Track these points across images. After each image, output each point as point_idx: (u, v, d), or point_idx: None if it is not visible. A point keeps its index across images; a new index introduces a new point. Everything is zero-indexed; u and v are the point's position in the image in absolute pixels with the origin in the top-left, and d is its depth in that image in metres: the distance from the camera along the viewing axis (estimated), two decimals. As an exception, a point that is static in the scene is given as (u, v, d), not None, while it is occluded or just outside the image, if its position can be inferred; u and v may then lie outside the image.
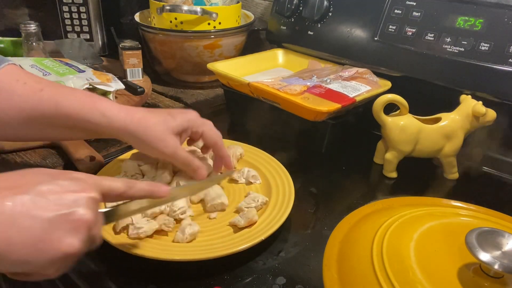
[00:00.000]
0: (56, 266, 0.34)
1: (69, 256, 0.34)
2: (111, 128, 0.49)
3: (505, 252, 0.35)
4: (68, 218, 0.34)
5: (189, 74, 0.96)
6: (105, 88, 0.79)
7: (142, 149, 0.52)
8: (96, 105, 0.49)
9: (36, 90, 0.47)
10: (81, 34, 1.04)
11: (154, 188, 0.43)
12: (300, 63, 0.86)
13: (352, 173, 0.67)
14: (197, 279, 0.46)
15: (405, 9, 0.72)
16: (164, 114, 0.52)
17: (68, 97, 0.48)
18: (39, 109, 0.47)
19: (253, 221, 0.51)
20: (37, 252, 0.32)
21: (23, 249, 0.32)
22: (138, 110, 0.51)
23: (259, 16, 1.05)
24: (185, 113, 0.54)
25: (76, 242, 0.34)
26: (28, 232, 0.32)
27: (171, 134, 0.51)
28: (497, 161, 0.69)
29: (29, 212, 0.32)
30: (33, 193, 0.33)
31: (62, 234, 0.33)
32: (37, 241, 0.32)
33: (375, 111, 0.63)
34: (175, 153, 0.52)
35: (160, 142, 0.50)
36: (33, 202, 0.33)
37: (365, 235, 0.45)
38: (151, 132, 0.50)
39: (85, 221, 0.35)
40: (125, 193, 0.40)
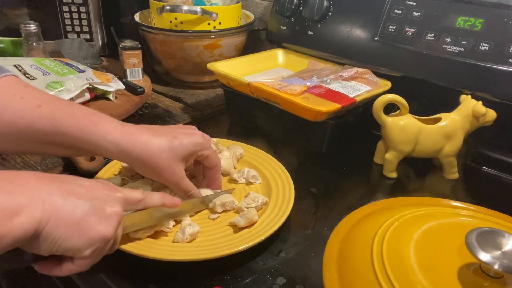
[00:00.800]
0: (92, 248, 0.38)
1: (103, 240, 0.38)
2: (112, 153, 0.47)
3: (505, 252, 0.35)
4: (104, 207, 0.39)
5: (189, 74, 0.96)
6: (105, 88, 0.79)
7: (145, 174, 0.51)
8: (98, 127, 0.46)
9: (34, 106, 0.45)
10: (81, 34, 1.04)
11: (167, 199, 0.47)
12: (300, 63, 0.86)
13: (352, 173, 0.67)
14: (197, 279, 0.46)
15: (405, 9, 0.72)
16: (170, 137, 0.49)
17: (68, 117, 0.46)
18: (35, 126, 0.45)
19: (253, 221, 0.51)
20: (79, 231, 0.36)
21: (68, 227, 0.36)
22: (141, 132, 0.48)
23: (259, 16, 1.05)
24: (191, 136, 0.51)
25: (110, 228, 0.38)
26: (73, 213, 0.36)
27: (177, 162, 0.49)
28: (497, 161, 0.69)
29: (74, 197, 0.37)
30: (76, 184, 0.39)
31: (99, 219, 0.38)
32: (79, 221, 0.36)
33: (375, 111, 0.63)
34: (179, 183, 0.51)
35: (165, 171, 0.49)
36: (76, 191, 0.38)
37: (365, 235, 0.45)
38: (156, 159, 0.48)
39: (117, 213, 0.39)
40: (142, 200, 0.44)
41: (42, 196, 0.35)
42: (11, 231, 0.32)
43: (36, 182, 0.36)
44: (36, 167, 0.63)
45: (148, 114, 0.83)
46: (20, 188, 0.34)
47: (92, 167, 0.61)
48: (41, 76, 0.76)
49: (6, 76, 0.46)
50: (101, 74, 0.83)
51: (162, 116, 0.81)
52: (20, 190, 0.34)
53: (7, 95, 0.45)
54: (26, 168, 0.62)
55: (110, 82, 0.81)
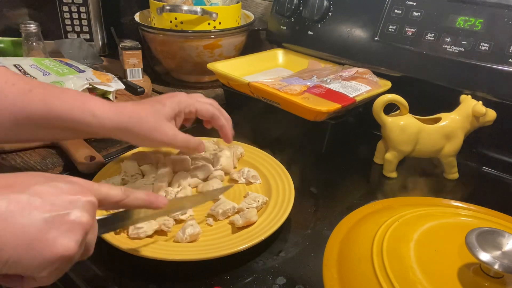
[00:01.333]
0: (49, 269, 0.32)
1: (63, 259, 0.32)
2: (103, 128, 0.48)
3: (505, 252, 0.35)
4: (64, 219, 0.33)
5: (189, 74, 0.96)
6: (105, 88, 0.79)
7: (139, 143, 0.52)
8: (86, 105, 0.48)
9: (25, 91, 0.46)
10: (81, 34, 1.04)
11: (152, 198, 0.42)
12: (300, 63, 0.86)
13: (352, 173, 0.67)
14: (197, 279, 0.46)
15: (405, 9, 0.72)
16: (153, 103, 0.51)
17: (58, 98, 0.47)
18: (28, 110, 0.46)
19: (251, 222, 0.51)
20: (31, 252, 0.31)
21: (17, 248, 0.30)
22: (127, 105, 0.50)
23: (259, 16, 1.05)
24: (173, 97, 0.53)
25: (72, 244, 0.32)
26: (23, 231, 0.31)
27: (165, 121, 0.51)
28: (497, 161, 0.69)
29: (24, 211, 0.31)
30: (29, 193, 0.32)
31: (57, 235, 0.32)
32: (31, 241, 0.31)
33: (375, 111, 0.63)
34: (174, 139, 0.52)
35: (156, 131, 0.50)
36: (28, 202, 0.32)
37: (365, 235, 0.45)
38: (144, 124, 0.49)
39: (81, 223, 0.33)
40: (121, 201, 0.39)
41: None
42: None
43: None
44: (36, 167, 0.62)
45: (148, 114, 0.82)
46: None
47: (92, 167, 0.61)
48: (41, 76, 0.76)
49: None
50: (101, 74, 0.83)
51: (162, 116, 0.81)
52: None
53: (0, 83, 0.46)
54: (26, 168, 0.62)
55: (110, 82, 0.81)
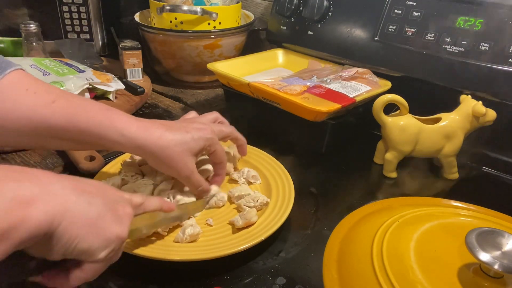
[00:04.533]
0: (108, 249, 0.35)
1: (118, 240, 0.36)
2: (127, 146, 0.48)
3: (505, 252, 0.35)
4: (116, 207, 0.37)
5: (189, 74, 0.96)
6: (105, 88, 0.79)
7: (159, 167, 0.52)
8: (114, 123, 0.47)
9: (48, 102, 0.45)
10: (81, 34, 1.04)
11: (163, 202, 0.46)
12: (300, 63, 0.86)
13: (352, 173, 0.67)
14: (197, 279, 0.46)
15: (405, 9, 0.72)
16: (183, 131, 0.50)
17: (83, 112, 0.46)
18: (50, 122, 0.45)
19: (251, 223, 0.51)
20: (95, 230, 0.34)
21: (83, 226, 0.33)
22: (156, 127, 0.49)
23: (259, 16, 1.05)
24: (201, 131, 0.52)
25: (124, 228, 0.37)
26: (88, 211, 0.34)
27: (189, 156, 0.50)
28: (497, 161, 0.69)
29: (87, 194, 0.34)
30: (86, 183, 0.36)
31: (112, 219, 0.36)
32: (94, 220, 0.34)
33: (375, 111, 0.63)
34: (190, 176, 0.51)
35: (178, 164, 0.50)
36: (89, 189, 0.35)
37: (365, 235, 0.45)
38: (170, 153, 0.49)
39: (129, 214, 0.38)
40: (141, 204, 0.42)
41: (55, 189, 0.32)
42: (24, 222, 0.28)
43: (47, 177, 0.32)
44: (36, 167, 0.63)
45: (148, 114, 0.83)
46: (31, 179, 0.31)
47: (92, 167, 0.61)
48: (41, 76, 0.76)
49: (16, 70, 0.45)
50: (101, 74, 0.83)
51: (162, 116, 0.81)
52: (31, 180, 0.31)
53: (20, 90, 0.44)
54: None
55: (110, 82, 0.81)
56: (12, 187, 0.29)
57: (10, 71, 0.45)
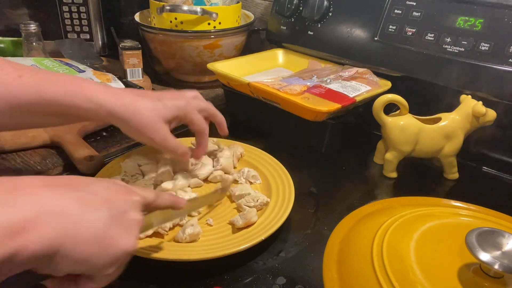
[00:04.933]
0: (116, 265, 0.34)
1: (127, 255, 0.34)
2: (98, 113, 0.47)
3: (505, 252, 0.35)
4: (124, 217, 0.34)
5: (189, 74, 0.96)
6: (105, 88, 0.79)
7: (131, 134, 0.51)
8: (82, 90, 0.46)
9: (15, 77, 0.44)
10: (81, 34, 1.04)
11: (175, 199, 0.45)
12: (300, 63, 0.86)
13: (352, 173, 0.67)
14: (197, 279, 0.46)
15: (405, 9, 0.72)
16: (154, 100, 0.50)
17: (50, 83, 0.46)
18: (20, 96, 0.44)
19: (251, 222, 0.51)
20: (101, 248, 0.32)
21: (88, 244, 0.31)
22: (126, 94, 0.49)
23: (259, 16, 1.05)
24: (176, 99, 0.52)
25: (132, 240, 0.34)
26: (93, 228, 0.31)
27: (161, 122, 0.50)
28: (497, 161, 0.69)
29: (89, 207, 0.32)
30: (89, 191, 0.33)
31: (120, 232, 0.33)
32: (100, 238, 0.32)
33: (375, 111, 0.63)
34: (164, 140, 0.51)
35: (150, 129, 0.50)
36: (91, 199, 0.32)
37: (365, 235, 0.45)
38: (140, 118, 0.49)
39: (137, 220, 0.36)
40: (154, 202, 0.41)
41: (53, 209, 0.29)
42: (17, 253, 0.26)
43: (45, 191, 0.30)
44: (36, 167, 0.62)
45: (148, 114, 0.82)
46: (24, 201, 0.28)
47: (92, 167, 0.61)
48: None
49: None
50: (101, 74, 0.83)
51: (162, 116, 0.81)
52: (24, 203, 0.28)
53: None
54: (26, 168, 0.62)
55: (110, 82, 0.81)
56: (3, 214, 0.27)
57: None
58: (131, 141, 0.72)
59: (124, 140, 0.72)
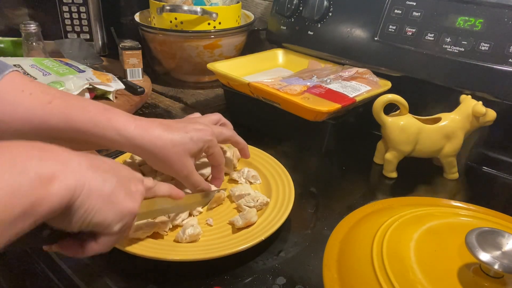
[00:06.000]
0: (121, 223, 0.37)
1: (131, 214, 0.38)
2: (124, 146, 0.48)
3: (505, 252, 0.35)
4: (129, 184, 0.39)
5: (189, 74, 0.96)
6: (105, 88, 0.79)
7: (156, 167, 0.52)
8: (111, 122, 0.47)
9: (44, 102, 0.45)
10: (81, 34, 1.04)
11: (172, 188, 0.47)
12: (300, 63, 0.86)
13: (352, 173, 0.67)
14: (197, 279, 0.46)
15: (405, 9, 0.72)
16: (181, 133, 0.50)
17: (81, 112, 0.46)
18: (48, 122, 0.45)
19: (251, 222, 0.51)
20: (109, 204, 0.36)
21: (99, 199, 0.35)
22: (155, 126, 0.49)
23: (259, 16, 1.05)
24: (201, 132, 0.52)
25: (136, 204, 0.39)
26: (103, 186, 0.35)
27: (187, 156, 0.51)
28: (497, 161, 0.69)
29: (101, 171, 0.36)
30: (99, 159, 0.37)
31: (124, 195, 0.38)
32: (109, 195, 0.36)
33: (375, 111, 0.63)
34: (189, 176, 0.52)
35: (176, 164, 0.50)
36: (103, 167, 0.37)
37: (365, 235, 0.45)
38: (168, 153, 0.49)
39: (140, 191, 0.40)
40: (152, 188, 0.44)
41: (73, 166, 0.34)
42: (47, 198, 0.30)
43: (65, 154, 0.34)
44: (36, 167, 0.62)
45: (148, 114, 0.83)
46: (52, 157, 0.33)
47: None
48: (41, 76, 0.76)
49: (11, 72, 0.45)
50: (101, 74, 0.83)
51: (162, 116, 0.81)
52: (52, 158, 0.33)
53: (16, 92, 0.44)
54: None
55: (110, 82, 0.81)
56: (35, 165, 0.30)
57: (8, 72, 0.45)
58: (131, 141, 0.72)
59: (124, 140, 0.72)
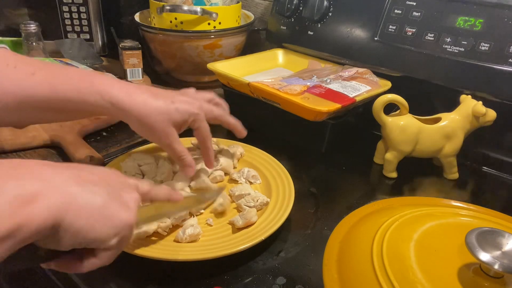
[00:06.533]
0: (118, 237, 0.35)
1: (127, 226, 0.36)
2: (110, 111, 0.47)
3: (505, 252, 0.35)
4: (121, 193, 0.36)
5: (189, 74, 0.96)
6: (105, 88, 0.79)
7: (140, 133, 0.52)
8: (94, 86, 0.46)
9: (28, 74, 0.45)
10: (81, 34, 1.04)
11: (171, 192, 0.45)
12: (300, 63, 0.86)
13: (352, 173, 0.67)
14: (197, 279, 0.46)
15: (405, 9, 0.72)
16: (168, 102, 0.50)
17: (64, 80, 0.46)
18: (33, 94, 0.45)
19: (251, 222, 0.51)
20: (101, 219, 0.33)
21: (89, 216, 0.33)
22: (140, 92, 0.49)
23: (259, 16, 1.05)
24: (188, 104, 0.52)
25: (131, 213, 0.36)
26: (93, 201, 0.33)
27: (170, 126, 0.50)
28: (497, 161, 0.69)
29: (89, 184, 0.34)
30: (88, 171, 0.36)
31: (118, 207, 0.35)
32: (101, 209, 0.33)
33: (375, 111, 0.63)
34: (171, 145, 0.52)
35: (160, 132, 0.50)
36: (91, 178, 0.35)
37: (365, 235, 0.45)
38: (152, 120, 0.49)
39: (134, 199, 0.37)
40: (150, 192, 0.42)
41: (57, 183, 0.31)
42: (29, 220, 0.28)
43: (48, 169, 0.32)
44: (36, 167, 0.62)
45: (148, 114, 0.82)
46: (32, 175, 0.31)
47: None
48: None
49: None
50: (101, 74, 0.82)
51: (162, 116, 0.81)
52: (32, 176, 0.31)
53: (1, 66, 0.45)
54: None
55: (110, 82, 0.81)
56: (13, 185, 0.29)
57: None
58: (131, 141, 0.72)
59: (124, 140, 0.72)
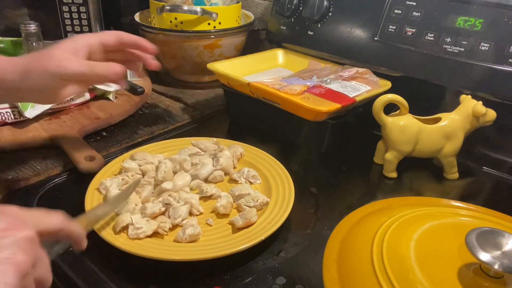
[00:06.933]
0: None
1: (16, 279, 0.28)
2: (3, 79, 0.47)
3: (505, 252, 0.35)
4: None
5: (189, 74, 0.96)
6: (105, 88, 0.79)
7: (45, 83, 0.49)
8: None
9: None
10: (81, 34, 1.04)
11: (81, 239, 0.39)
12: (300, 63, 0.86)
13: (352, 173, 0.67)
14: (197, 279, 0.46)
15: (405, 9, 0.72)
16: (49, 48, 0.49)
17: None
18: None
19: (251, 222, 0.51)
20: None
21: None
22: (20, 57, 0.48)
23: (259, 16, 1.05)
24: (69, 39, 0.51)
25: (1, 286, 0.28)
26: None
27: (69, 54, 0.49)
28: (497, 161, 0.69)
29: None
30: None
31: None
32: None
33: (375, 111, 0.63)
34: (84, 66, 0.50)
35: (64, 61, 0.48)
36: None
37: (365, 235, 0.45)
38: (47, 59, 0.48)
39: (13, 263, 0.29)
40: (61, 230, 0.36)
41: None
42: None
43: None
44: (36, 167, 0.62)
45: (148, 114, 0.82)
46: None
47: (92, 167, 0.61)
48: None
49: None
50: (101, 74, 0.82)
51: (162, 116, 0.81)
52: None
53: None
54: (26, 169, 0.62)
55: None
56: None
57: None
58: (131, 141, 0.72)
59: (124, 140, 0.72)
